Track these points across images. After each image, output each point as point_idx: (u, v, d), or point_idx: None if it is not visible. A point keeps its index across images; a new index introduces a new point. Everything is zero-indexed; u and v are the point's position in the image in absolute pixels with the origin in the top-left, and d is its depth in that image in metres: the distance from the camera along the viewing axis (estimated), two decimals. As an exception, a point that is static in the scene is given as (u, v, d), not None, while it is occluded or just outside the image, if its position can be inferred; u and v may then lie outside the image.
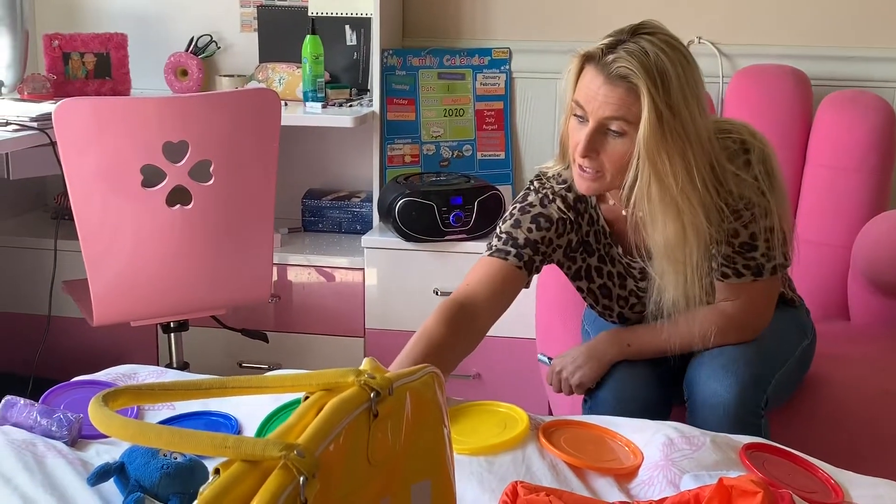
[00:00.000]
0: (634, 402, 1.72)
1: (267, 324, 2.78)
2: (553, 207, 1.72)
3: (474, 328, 1.68)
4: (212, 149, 2.12)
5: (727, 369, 1.67)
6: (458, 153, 2.93)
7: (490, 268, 1.70)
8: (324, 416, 0.86)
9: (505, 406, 1.55)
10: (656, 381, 1.77)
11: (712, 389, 1.66)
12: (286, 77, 2.90)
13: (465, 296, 1.68)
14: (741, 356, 1.69)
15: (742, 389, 1.65)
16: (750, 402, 1.66)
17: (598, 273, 1.78)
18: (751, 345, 1.72)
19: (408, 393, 0.98)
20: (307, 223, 2.98)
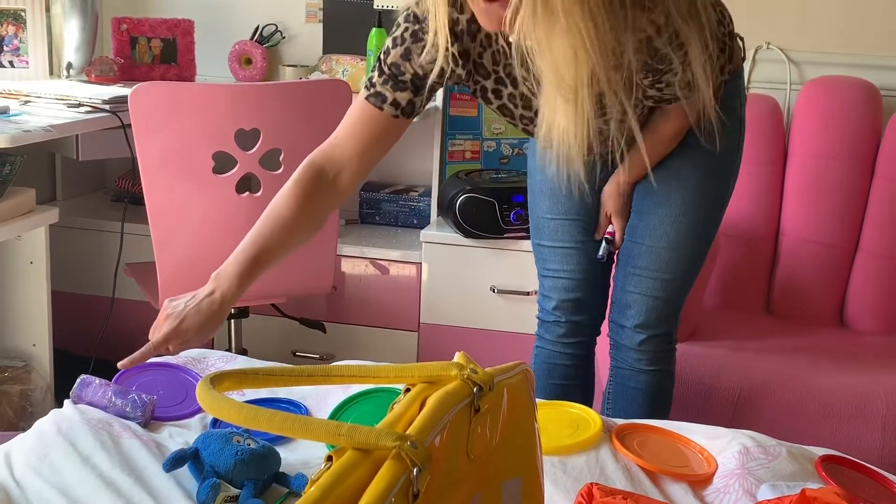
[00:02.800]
0: None
1: (322, 314, 2.79)
2: (435, 38, 1.50)
3: (331, 197, 1.62)
4: (283, 138, 2.13)
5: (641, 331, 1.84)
6: (517, 151, 2.92)
7: (363, 118, 1.59)
8: (431, 409, 0.86)
9: (577, 407, 1.54)
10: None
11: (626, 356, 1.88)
12: (350, 69, 2.91)
13: (329, 157, 1.60)
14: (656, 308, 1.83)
15: (652, 345, 1.86)
16: (661, 347, 1.88)
17: (497, 95, 1.62)
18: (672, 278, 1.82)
19: (505, 389, 0.98)
20: (364, 215, 2.99)
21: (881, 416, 2.02)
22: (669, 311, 1.87)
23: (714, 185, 1.82)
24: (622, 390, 1.94)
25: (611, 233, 1.87)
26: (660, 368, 1.91)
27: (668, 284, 1.83)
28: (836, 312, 2.53)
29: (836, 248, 2.52)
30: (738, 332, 2.38)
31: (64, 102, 2.39)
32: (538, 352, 2.01)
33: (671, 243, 1.81)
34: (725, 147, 1.80)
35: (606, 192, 1.86)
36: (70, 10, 2.86)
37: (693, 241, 1.82)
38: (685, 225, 1.80)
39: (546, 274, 1.94)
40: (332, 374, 0.93)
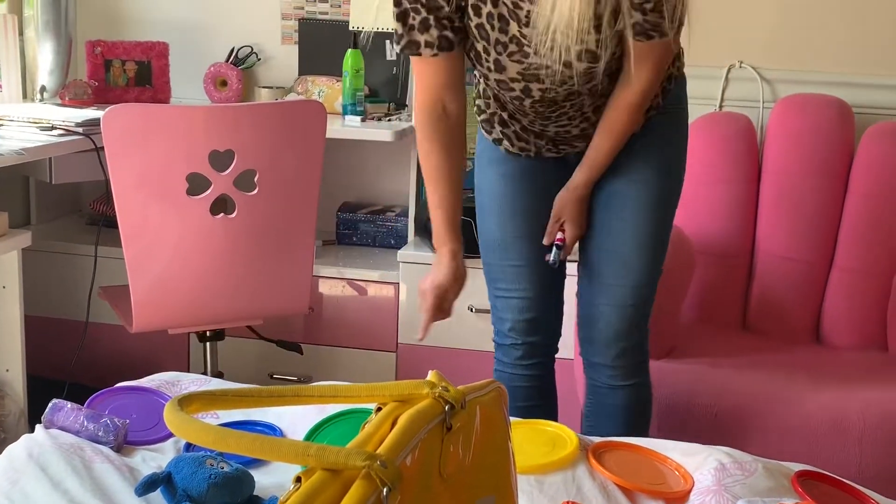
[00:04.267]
0: None
1: (299, 336, 2.78)
2: None
3: (452, 124, 1.76)
4: (257, 159, 2.12)
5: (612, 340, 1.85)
6: (494, 171, 2.93)
7: (418, 68, 1.72)
8: (401, 428, 0.85)
9: (553, 425, 1.54)
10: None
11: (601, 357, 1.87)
12: (325, 90, 2.91)
13: (426, 102, 1.74)
14: (628, 301, 1.83)
15: (626, 365, 1.87)
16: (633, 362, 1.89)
17: (476, 12, 1.63)
18: (638, 284, 1.82)
19: (478, 407, 0.98)
20: (341, 236, 2.98)
21: (858, 431, 2.02)
22: (639, 318, 1.86)
23: (669, 183, 1.84)
24: (600, 408, 1.94)
25: (561, 239, 1.84)
26: (636, 382, 1.90)
27: (637, 291, 1.83)
28: (812, 328, 2.55)
29: (811, 264, 2.54)
30: (715, 349, 2.38)
31: (37, 125, 2.38)
32: (498, 375, 1.99)
33: (636, 245, 1.81)
34: (676, 145, 1.85)
35: (562, 197, 1.83)
36: (43, 34, 2.85)
37: (655, 242, 1.83)
38: (647, 225, 1.81)
39: (499, 294, 1.93)
40: (302, 394, 0.93)
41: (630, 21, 1.59)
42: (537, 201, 1.87)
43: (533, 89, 1.70)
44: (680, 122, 1.86)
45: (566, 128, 1.80)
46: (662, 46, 1.64)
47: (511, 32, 1.62)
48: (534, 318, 1.90)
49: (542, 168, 1.87)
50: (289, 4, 3.04)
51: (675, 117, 1.85)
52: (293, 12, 3.03)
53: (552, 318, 1.94)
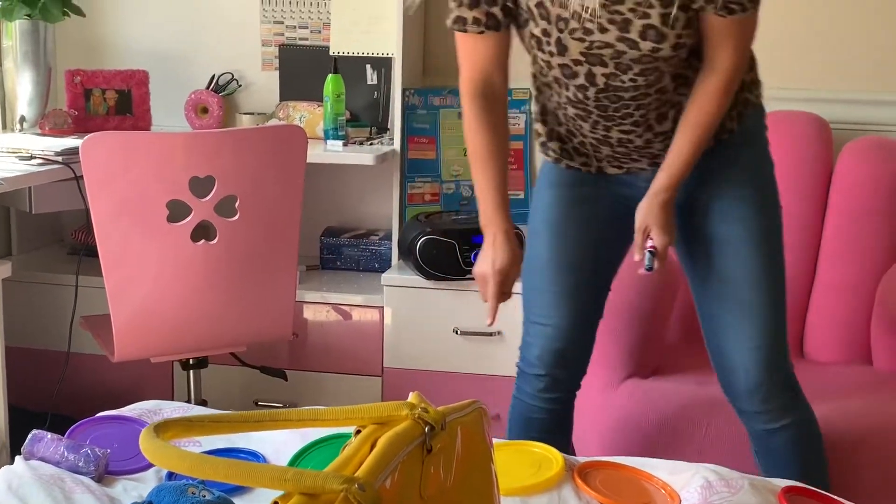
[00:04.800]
0: None
1: (284, 362, 2.76)
2: None
3: (499, 103, 1.76)
4: (238, 184, 2.12)
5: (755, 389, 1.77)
6: (477, 193, 2.93)
7: (462, 44, 1.73)
8: (380, 450, 0.85)
9: (539, 446, 1.53)
10: None
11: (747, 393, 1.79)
12: (307, 115, 2.91)
13: (472, 79, 1.74)
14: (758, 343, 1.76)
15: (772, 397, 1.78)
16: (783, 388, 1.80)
17: None
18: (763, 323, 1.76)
19: (459, 428, 0.97)
20: (325, 261, 2.97)
21: (845, 446, 2.02)
22: (776, 357, 1.78)
23: (769, 215, 1.79)
24: (768, 454, 1.85)
25: (652, 246, 1.74)
26: (791, 420, 1.81)
27: (765, 331, 1.76)
28: (797, 344, 2.54)
29: (794, 280, 2.51)
30: (702, 367, 2.37)
31: (16, 155, 2.37)
32: (516, 403, 1.93)
33: (752, 286, 1.75)
34: (766, 174, 1.80)
35: (644, 206, 1.73)
36: (22, 64, 2.84)
37: (771, 277, 1.76)
38: (758, 263, 1.75)
39: (533, 320, 1.87)
40: (280, 418, 0.92)
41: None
42: (589, 231, 1.83)
43: (597, 74, 1.65)
44: (765, 151, 1.81)
45: (629, 136, 1.74)
46: (745, 22, 1.61)
47: (572, 7, 1.59)
48: (563, 350, 1.85)
49: (602, 195, 1.83)
50: (269, 31, 3.04)
51: (760, 147, 1.80)
52: (273, 39, 3.04)
53: (581, 354, 1.89)
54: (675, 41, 1.59)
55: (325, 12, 2.98)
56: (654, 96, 1.69)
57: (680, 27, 1.58)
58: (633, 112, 1.71)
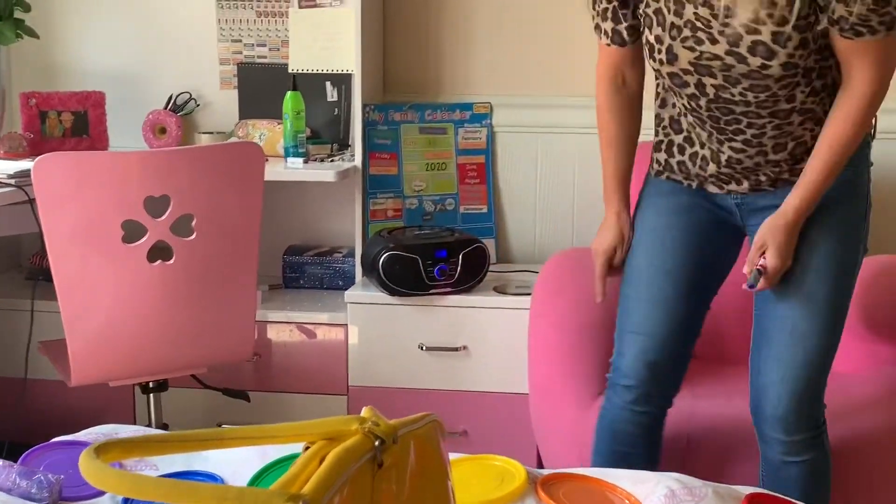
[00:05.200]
0: None
1: (247, 383, 2.72)
2: None
3: (635, 102, 1.86)
4: (194, 203, 2.09)
5: (785, 423, 1.77)
6: (440, 207, 2.92)
7: (601, 47, 1.82)
8: (328, 466, 0.82)
9: (501, 459, 1.51)
10: None
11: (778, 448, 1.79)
12: (266, 133, 2.89)
13: (606, 75, 1.83)
14: (798, 390, 1.75)
15: (800, 433, 1.78)
16: (808, 432, 1.79)
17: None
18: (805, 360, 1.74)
19: (412, 441, 0.95)
20: (288, 280, 2.94)
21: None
22: (812, 392, 1.76)
23: (849, 251, 1.76)
24: (774, 482, 1.82)
25: (763, 265, 1.71)
26: (808, 458, 1.79)
27: (808, 362, 1.73)
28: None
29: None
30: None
31: (-32, 179, 2.33)
32: (605, 413, 1.91)
33: (809, 313, 1.72)
34: (856, 209, 1.77)
35: (768, 224, 1.70)
36: (-25, 87, 2.80)
37: (830, 311, 1.73)
38: (822, 293, 1.72)
39: (628, 329, 1.84)
40: (225, 437, 0.89)
41: (833, 15, 1.53)
42: (689, 241, 1.82)
43: (706, 85, 1.67)
44: (861, 183, 1.78)
45: (739, 155, 1.73)
46: (880, 45, 1.56)
47: (686, 16, 1.62)
48: (656, 362, 1.82)
49: (701, 206, 1.83)
50: (227, 49, 3.02)
51: (857, 178, 1.77)
52: (231, 57, 3.01)
53: (675, 369, 1.86)
54: (786, 60, 1.58)
55: (283, 30, 2.97)
56: (767, 119, 1.68)
57: (792, 47, 1.57)
58: (744, 129, 1.71)
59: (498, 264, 2.91)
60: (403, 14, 2.95)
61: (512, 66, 2.92)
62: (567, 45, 2.88)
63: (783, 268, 1.72)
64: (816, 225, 1.72)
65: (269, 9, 2.97)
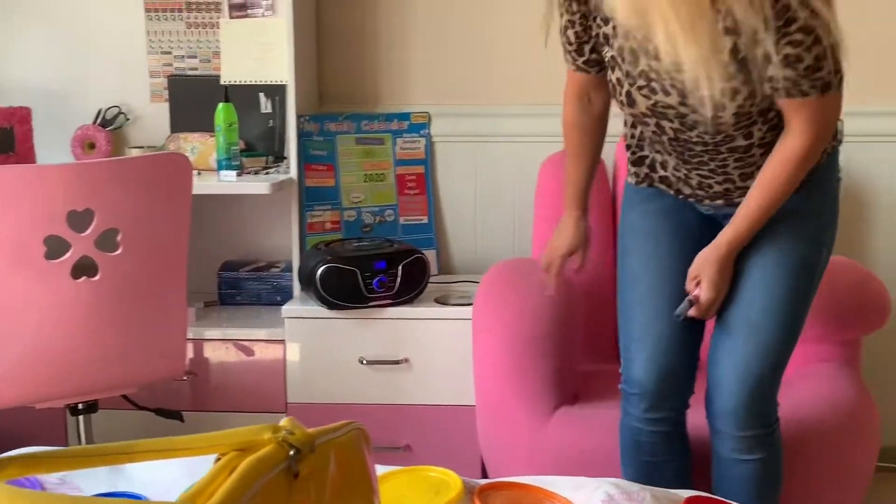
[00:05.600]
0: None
1: (183, 403, 2.65)
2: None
3: (599, 122, 1.91)
4: (119, 217, 2.02)
5: (735, 416, 1.76)
6: (380, 218, 2.88)
7: (576, 74, 1.87)
8: (236, 477, 0.77)
9: (436, 470, 1.47)
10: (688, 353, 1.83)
11: (726, 445, 1.78)
12: (199, 147, 2.82)
13: (571, 95, 1.89)
14: (751, 383, 1.75)
15: (752, 429, 1.77)
16: (762, 426, 1.78)
17: (608, 42, 1.72)
18: (764, 350, 1.75)
19: (332, 450, 0.90)
20: (224, 296, 2.87)
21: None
22: (763, 389, 1.76)
23: (813, 253, 1.76)
24: (725, 481, 1.83)
25: (696, 296, 1.74)
26: (760, 458, 1.79)
27: (763, 358, 1.74)
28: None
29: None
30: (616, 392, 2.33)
31: None
32: (623, 427, 1.89)
33: (765, 310, 1.73)
34: (826, 215, 1.78)
35: (702, 255, 1.74)
36: None
37: (788, 310, 1.74)
38: (781, 292, 1.73)
39: (633, 336, 1.83)
40: (133, 450, 0.84)
41: (765, 74, 1.55)
42: (681, 239, 1.81)
43: (665, 127, 1.71)
44: (830, 191, 1.79)
45: (708, 181, 1.76)
46: (815, 104, 1.59)
47: (640, 66, 1.65)
48: (666, 365, 1.80)
49: (687, 206, 1.82)
50: (157, 62, 2.95)
51: (826, 186, 1.78)
52: (162, 69, 2.95)
53: (685, 369, 1.84)
54: (736, 110, 1.60)
55: (214, 41, 2.91)
56: (727, 153, 1.70)
57: (741, 98, 1.59)
58: (707, 162, 1.73)
59: (440, 275, 2.87)
60: (338, 23, 2.91)
61: (450, 75, 2.90)
62: (505, 53, 2.86)
63: (716, 300, 1.74)
64: (784, 225, 1.74)
65: (200, 20, 2.92)
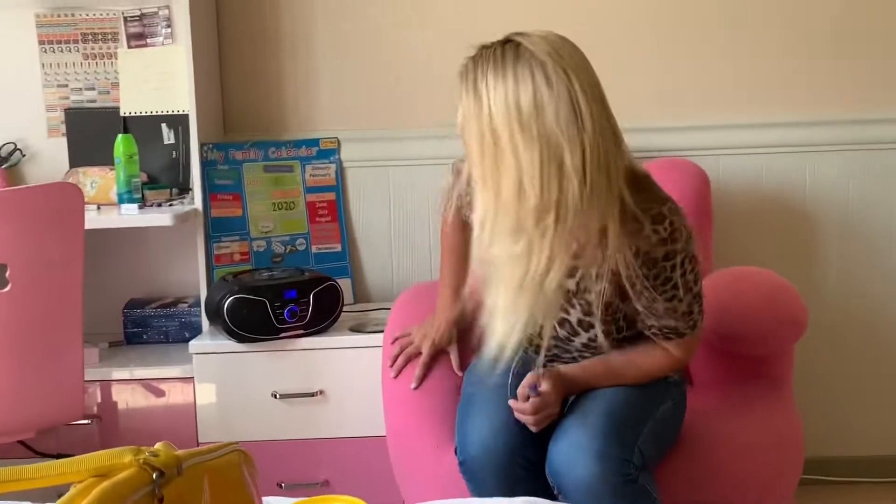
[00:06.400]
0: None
1: (91, 448, 2.48)
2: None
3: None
4: (7, 251, 1.91)
5: (588, 448, 1.65)
6: (291, 248, 2.79)
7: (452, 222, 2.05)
8: (90, 502, 0.69)
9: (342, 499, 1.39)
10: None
11: (580, 476, 1.64)
12: (99, 180, 2.72)
13: (454, 230, 2.05)
14: (599, 425, 1.68)
15: (606, 465, 1.64)
16: (618, 475, 1.64)
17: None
18: (608, 409, 1.71)
19: (206, 474, 0.82)
20: (130, 335, 2.75)
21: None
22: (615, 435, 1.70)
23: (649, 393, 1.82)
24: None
25: (539, 392, 1.75)
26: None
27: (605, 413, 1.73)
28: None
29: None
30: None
31: None
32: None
33: (595, 400, 1.77)
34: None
35: (560, 368, 1.80)
36: None
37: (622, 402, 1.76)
38: (615, 392, 1.78)
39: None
40: (-27, 482, 0.75)
41: (642, 319, 1.75)
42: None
43: None
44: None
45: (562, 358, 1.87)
46: (681, 343, 1.77)
47: None
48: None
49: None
50: (53, 95, 2.84)
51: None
52: (59, 103, 2.83)
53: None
54: (587, 341, 1.80)
55: (112, 72, 2.81)
56: (577, 344, 1.84)
57: (595, 332, 1.79)
58: (561, 354, 1.86)
59: (356, 304, 2.79)
60: (240, 50, 2.84)
61: (358, 99, 2.84)
62: (413, 76, 2.82)
63: (548, 409, 1.74)
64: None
65: (97, 50, 2.82)
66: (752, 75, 2.78)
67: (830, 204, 2.79)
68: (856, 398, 2.84)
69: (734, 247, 2.75)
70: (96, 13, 2.81)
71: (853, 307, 2.80)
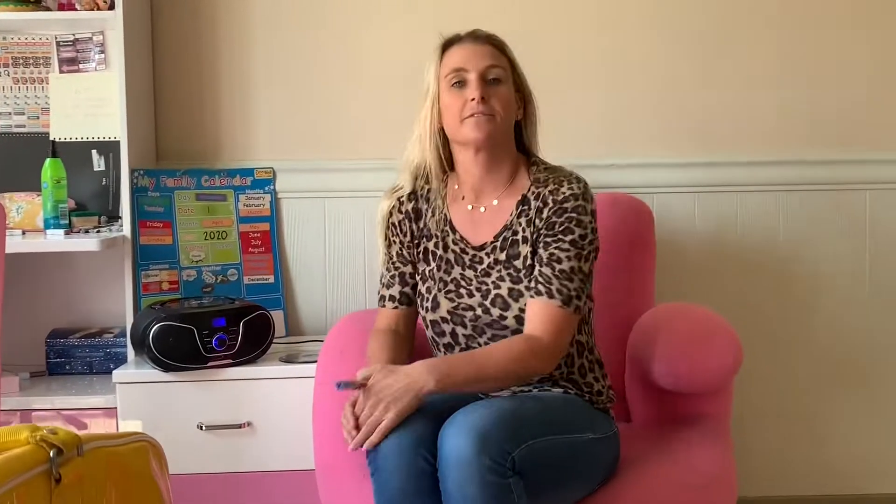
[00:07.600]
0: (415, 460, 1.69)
1: (5, 483, 2.41)
2: (395, 219, 2.03)
3: (404, 345, 2.00)
4: (-80, 267, 1.84)
5: (474, 425, 1.63)
6: (222, 278, 2.74)
7: (391, 314, 2.03)
8: (-23, 477, 0.65)
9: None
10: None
11: (456, 444, 1.62)
12: (25, 206, 2.65)
13: (388, 326, 2.02)
14: (493, 414, 1.68)
15: (484, 444, 1.61)
16: (491, 459, 1.61)
17: (433, 256, 1.97)
18: (511, 407, 1.73)
19: (109, 458, 0.78)
20: (52, 366, 2.66)
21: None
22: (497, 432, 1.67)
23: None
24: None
25: (361, 384, 1.75)
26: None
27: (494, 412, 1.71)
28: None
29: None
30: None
31: None
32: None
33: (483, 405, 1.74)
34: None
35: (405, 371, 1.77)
36: None
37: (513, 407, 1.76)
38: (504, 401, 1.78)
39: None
40: None
41: (536, 271, 1.84)
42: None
43: (459, 335, 1.92)
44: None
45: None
46: (556, 311, 1.82)
47: (453, 275, 1.94)
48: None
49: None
50: (-21, 120, 2.77)
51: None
52: (-14, 127, 2.77)
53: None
54: (518, 313, 1.86)
55: (43, 96, 2.76)
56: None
57: (524, 302, 1.86)
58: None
59: (289, 336, 2.75)
60: (175, 77, 2.81)
61: (294, 129, 2.83)
62: (350, 107, 2.82)
63: (382, 393, 1.73)
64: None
65: (28, 75, 2.76)
66: (692, 112, 2.82)
67: (763, 242, 2.83)
68: (794, 435, 2.85)
69: (672, 283, 2.77)
70: (29, 37, 2.76)
71: (791, 342, 2.83)
